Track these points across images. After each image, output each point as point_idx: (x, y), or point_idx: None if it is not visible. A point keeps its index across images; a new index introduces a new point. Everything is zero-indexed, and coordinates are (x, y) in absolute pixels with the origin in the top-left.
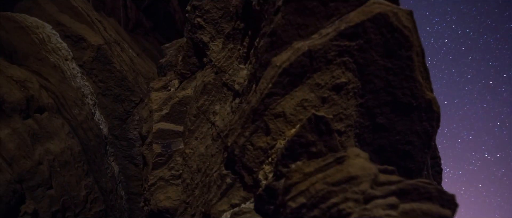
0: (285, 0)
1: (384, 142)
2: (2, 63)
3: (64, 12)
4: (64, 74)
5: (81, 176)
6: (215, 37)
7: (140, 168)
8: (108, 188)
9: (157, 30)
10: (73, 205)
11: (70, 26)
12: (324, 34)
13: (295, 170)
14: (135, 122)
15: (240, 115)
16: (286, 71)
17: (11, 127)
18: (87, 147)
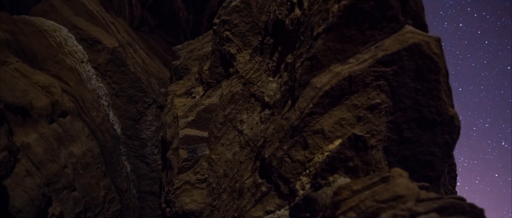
0: (326, 29)
1: (408, 153)
2: (27, 69)
3: (80, 15)
4: (80, 76)
5: (100, 177)
6: (242, 49)
7: (152, 168)
8: (123, 188)
9: (162, 28)
10: (93, 206)
11: (86, 29)
12: (361, 60)
13: (344, 187)
14: (148, 122)
15: (278, 129)
16: (326, 93)
17: (39, 131)
18: (104, 149)
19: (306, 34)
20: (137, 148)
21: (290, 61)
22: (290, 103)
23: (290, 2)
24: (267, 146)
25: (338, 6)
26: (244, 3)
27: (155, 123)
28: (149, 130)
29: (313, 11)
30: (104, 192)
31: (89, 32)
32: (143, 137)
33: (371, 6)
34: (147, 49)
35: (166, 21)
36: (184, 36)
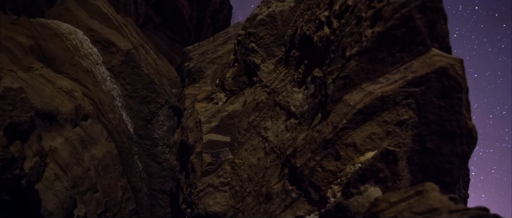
0: (360, 52)
1: (429, 162)
2: (51, 74)
3: (94, 18)
4: (95, 78)
5: (118, 178)
6: (265, 59)
7: (162, 166)
8: (138, 187)
9: (166, 25)
10: (112, 206)
11: (101, 32)
12: (392, 80)
13: (382, 199)
14: (160, 122)
15: (309, 140)
16: (360, 111)
17: (64, 136)
18: (121, 150)
19: (337, 53)
20: (148, 147)
21: (318, 75)
22: (321, 116)
23: (318, 20)
24: (298, 156)
25: (372, 31)
26: (270, 17)
27: (167, 123)
28: (161, 130)
29: (345, 32)
30: (122, 192)
31: (104, 35)
32: (154, 137)
33: (402, 32)
34: (154, 47)
35: (170, 18)
36: (188, 33)
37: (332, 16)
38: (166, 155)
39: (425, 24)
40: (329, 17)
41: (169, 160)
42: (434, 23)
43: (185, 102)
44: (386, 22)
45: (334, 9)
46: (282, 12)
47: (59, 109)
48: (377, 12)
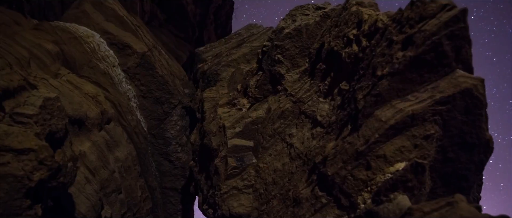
0: (392, 73)
1: (449, 169)
2: (77, 80)
3: (110, 20)
4: (112, 80)
5: (137, 178)
6: (290, 69)
7: (174, 165)
8: (153, 186)
9: (170, 22)
10: (133, 206)
11: (117, 35)
12: (420, 99)
13: (416, 209)
14: (173, 122)
15: (340, 151)
16: (392, 127)
17: (91, 140)
18: (139, 150)
19: (368, 71)
20: (161, 146)
21: (344, 88)
22: (350, 128)
23: (346, 37)
24: (328, 164)
25: (404, 54)
26: (296, 31)
27: (179, 123)
28: (174, 129)
29: (376, 53)
30: (140, 192)
31: (120, 37)
32: (167, 136)
33: (431, 56)
34: (161, 45)
35: (175, 16)
36: (192, 30)
37: (361, 35)
38: (178, 153)
39: (452, 49)
40: (358, 36)
41: (181, 159)
42: (460, 48)
43: (204, 106)
44: (417, 47)
45: (363, 29)
46: (307, 26)
47: (87, 114)
48: (409, 37)
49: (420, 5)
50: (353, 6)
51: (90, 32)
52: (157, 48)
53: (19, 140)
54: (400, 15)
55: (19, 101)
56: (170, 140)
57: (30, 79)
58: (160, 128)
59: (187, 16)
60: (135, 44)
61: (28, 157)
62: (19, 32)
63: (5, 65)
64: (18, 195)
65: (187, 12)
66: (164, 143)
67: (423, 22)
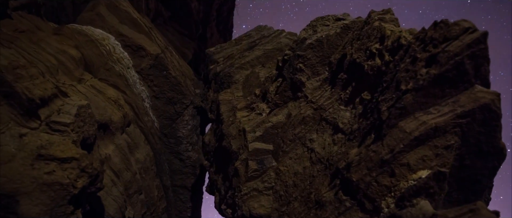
0: (416, 88)
1: (464, 174)
2: (99, 84)
3: (124, 23)
4: (127, 81)
5: (154, 178)
6: (310, 77)
7: (185, 163)
8: (167, 185)
9: (174, 19)
10: (151, 205)
11: (131, 37)
12: (442, 112)
13: (441, 215)
14: (185, 121)
15: (365, 158)
16: (416, 138)
17: (115, 143)
18: (155, 151)
19: (391, 84)
20: (172, 145)
21: (366, 98)
22: (373, 136)
23: (369, 51)
24: (353, 171)
25: (427, 72)
26: (318, 41)
27: (191, 122)
28: (185, 129)
29: (400, 68)
30: (157, 192)
31: (134, 40)
32: (179, 135)
33: (454, 74)
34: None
35: (178, 13)
36: (195, 26)
37: (383, 50)
38: (189, 152)
39: (472, 67)
40: (381, 50)
41: (191, 157)
42: (480, 66)
43: (221, 108)
44: (441, 66)
45: (386, 44)
46: (328, 37)
47: (112, 118)
48: (432, 56)
49: (444, 27)
50: (375, 22)
51: (105, 35)
52: (168, 49)
53: (61, 148)
54: (423, 34)
55: (52, 109)
56: (181, 139)
57: (61, 86)
58: (172, 127)
59: (191, 13)
60: (148, 46)
61: (71, 165)
62: (43, 38)
63: (38, 74)
64: (63, 202)
65: (191, 9)
66: (176, 142)
67: (447, 43)
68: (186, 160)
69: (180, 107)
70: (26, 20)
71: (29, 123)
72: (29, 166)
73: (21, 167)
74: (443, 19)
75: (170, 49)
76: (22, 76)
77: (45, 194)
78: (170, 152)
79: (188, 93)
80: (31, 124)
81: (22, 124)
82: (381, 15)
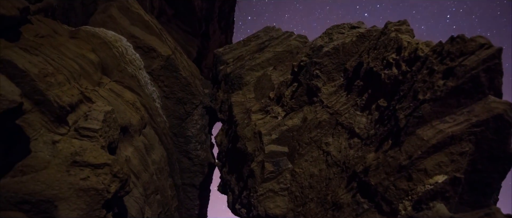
0: (434, 98)
1: (476, 178)
2: (117, 87)
3: (136, 25)
4: (139, 82)
5: (167, 178)
6: (326, 83)
7: (193, 162)
8: (178, 184)
9: (178, 17)
10: (165, 205)
11: (143, 38)
12: (458, 121)
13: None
14: (194, 121)
15: (383, 163)
16: (433, 145)
17: (134, 145)
18: (168, 151)
19: (409, 93)
20: (181, 144)
21: (383, 105)
22: (391, 142)
23: (386, 60)
24: (371, 175)
25: (445, 83)
26: (334, 49)
27: (200, 122)
28: (194, 128)
29: (417, 79)
30: (170, 191)
31: (146, 41)
32: (188, 134)
33: (469, 86)
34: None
35: (182, 10)
36: (199, 24)
37: (400, 60)
38: (198, 151)
39: (487, 80)
40: (398, 60)
41: (200, 156)
42: (494, 79)
43: (234, 110)
44: (458, 79)
45: (403, 55)
46: (344, 44)
47: (131, 121)
48: (449, 69)
49: (460, 42)
50: (392, 32)
51: (118, 37)
52: (178, 49)
53: (94, 155)
54: (440, 48)
55: (78, 114)
56: (190, 138)
57: (85, 92)
58: (181, 126)
59: (194, 10)
60: (160, 48)
61: (103, 170)
62: (63, 43)
63: (65, 81)
64: (97, 206)
65: (194, 7)
66: (185, 141)
67: (463, 57)
68: (194, 158)
69: (190, 107)
70: (44, 24)
71: (58, 129)
72: (65, 172)
73: (58, 174)
74: (460, 34)
75: (179, 49)
76: (51, 84)
77: (81, 199)
78: (179, 151)
79: (197, 94)
80: (60, 130)
81: (52, 130)
82: (397, 26)
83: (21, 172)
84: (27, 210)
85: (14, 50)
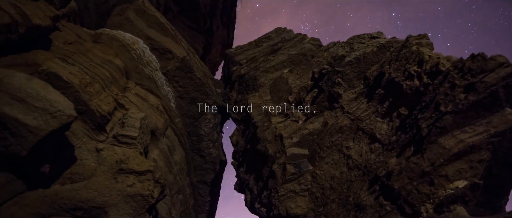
0: (455, 111)
1: (491, 182)
2: (142, 91)
3: (152, 27)
4: (156, 83)
5: (185, 177)
6: (347, 90)
7: (205, 160)
8: (194, 182)
9: (183, 14)
10: (185, 203)
11: (159, 40)
12: (477, 132)
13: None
14: (207, 120)
15: (406, 169)
16: (455, 154)
17: (159, 147)
18: (186, 151)
19: (431, 105)
20: (194, 143)
21: (404, 113)
22: (413, 149)
23: (407, 72)
24: (394, 179)
25: (466, 97)
26: (356, 59)
27: (212, 121)
28: (207, 127)
29: (439, 91)
30: (189, 190)
31: (162, 43)
32: (201, 133)
33: (488, 100)
34: None
35: (187, 7)
36: (203, 20)
37: (422, 73)
38: (210, 149)
39: (505, 95)
40: (420, 73)
41: (212, 154)
42: (511, 93)
43: (251, 111)
44: (479, 94)
45: (425, 68)
46: (365, 54)
47: (157, 125)
48: (470, 84)
49: (481, 60)
50: (413, 46)
51: (135, 39)
52: (191, 50)
53: (137, 162)
54: (462, 64)
55: (114, 121)
56: (203, 137)
57: (118, 99)
58: (194, 125)
59: (199, 6)
60: (175, 49)
61: (146, 177)
62: (90, 49)
63: (101, 90)
64: (142, 211)
65: (199, 3)
66: (198, 140)
67: (484, 74)
68: (206, 156)
69: (203, 107)
70: (68, 29)
71: (98, 136)
72: (113, 179)
73: (107, 181)
74: (480, 52)
75: (192, 50)
76: (92, 93)
77: (128, 205)
78: (191, 149)
79: (211, 94)
80: (100, 137)
81: (93, 138)
82: (418, 40)
83: (70, 179)
84: (79, 216)
85: (55, 61)
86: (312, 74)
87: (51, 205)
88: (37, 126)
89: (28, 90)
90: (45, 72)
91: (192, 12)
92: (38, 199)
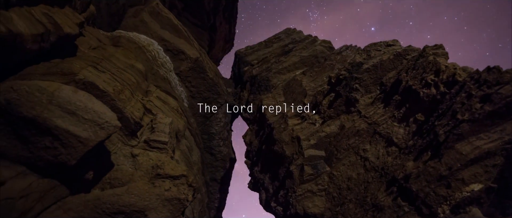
0: (472, 119)
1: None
2: (162, 94)
3: (165, 28)
4: (170, 84)
5: (201, 176)
6: (363, 94)
7: (216, 157)
8: (207, 180)
9: (187, 10)
10: (201, 201)
11: (172, 42)
12: (492, 139)
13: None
14: (218, 119)
15: (423, 172)
16: (471, 159)
17: (180, 149)
18: (201, 150)
19: (448, 112)
20: (205, 141)
21: (420, 119)
22: (430, 154)
23: (424, 80)
24: (412, 182)
25: (482, 107)
26: (373, 66)
27: (223, 119)
28: (218, 126)
29: (456, 100)
30: (204, 188)
31: (175, 44)
32: (212, 132)
33: (503, 110)
34: None
35: (191, 4)
36: (207, 17)
37: (439, 82)
38: (220, 147)
39: None
40: (437, 82)
41: (222, 152)
42: None
43: (265, 113)
44: (495, 105)
45: (442, 77)
46: (382, 61)
47: (179, 127)
48: (486, 95)
49: (496, 72)
50: (430, 56)
51: (150, 41)
52: (203, 50)
53: (171, 167)
54: (478, 75)
55: (143, 126)
56: (214, 135)
57: (145, 104)
58: (206, 124)
59: (203, 3)
60: (188, 50)
61: (180, 181)
62: (113, 53)
63: (131, 96)
64: (178, 214)
65: (203, 0)
66: (209, 138)
67: (499, 86)
68: (217, 154)
69: (215, 106)
70: (90, 33)
71: (131, 142)
72: (151, 184)
73: (146, 186)
74: (496, 65)
75: (204, 50)
76: (124, 100)
77: (166, 208)
78: (202, 147)
79: (222, 93)
80: (132, 142)
81: (126, 143)
82: (435, 50)
83: (109, 184)
84: None
85: (89, 70)
86: (329, 79)
87: (93, 209)
88: (87, 137)
89: (77, 103)
90: (82, 82)
91: (196, 9)
92: (81, 203)
